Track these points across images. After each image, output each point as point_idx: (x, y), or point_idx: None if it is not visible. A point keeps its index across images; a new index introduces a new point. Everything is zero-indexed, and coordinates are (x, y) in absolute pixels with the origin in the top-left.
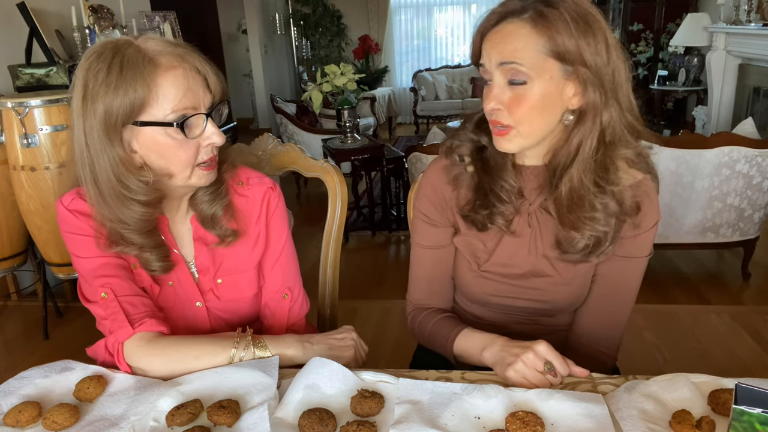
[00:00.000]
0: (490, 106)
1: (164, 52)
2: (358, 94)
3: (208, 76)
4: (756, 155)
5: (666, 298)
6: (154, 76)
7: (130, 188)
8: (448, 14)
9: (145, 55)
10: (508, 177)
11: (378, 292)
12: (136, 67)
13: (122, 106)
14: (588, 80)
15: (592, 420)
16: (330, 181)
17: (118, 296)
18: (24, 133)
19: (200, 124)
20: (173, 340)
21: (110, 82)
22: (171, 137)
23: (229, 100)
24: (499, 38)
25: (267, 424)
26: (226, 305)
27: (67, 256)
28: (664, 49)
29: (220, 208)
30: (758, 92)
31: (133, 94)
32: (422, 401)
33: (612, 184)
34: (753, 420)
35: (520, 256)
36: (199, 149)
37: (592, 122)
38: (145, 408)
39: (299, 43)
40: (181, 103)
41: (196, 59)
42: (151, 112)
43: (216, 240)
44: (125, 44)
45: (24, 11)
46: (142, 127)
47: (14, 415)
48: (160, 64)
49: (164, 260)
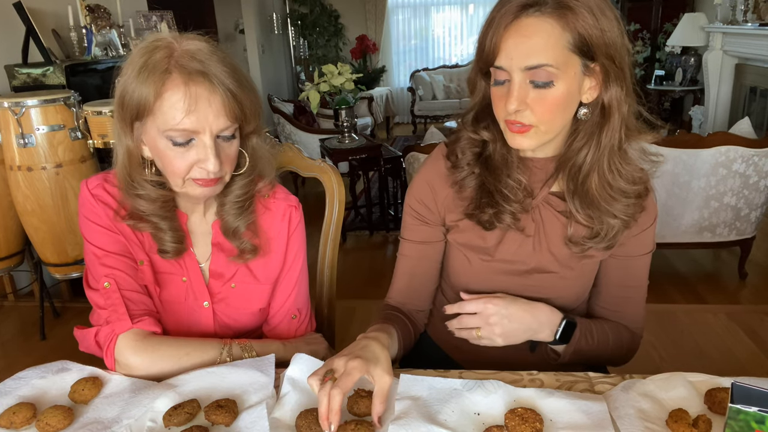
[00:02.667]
0: (513, 108)
1: (187, 66)
2: (356, 93)
3: (228, 100)
4: (752, 155)
5: (663, 297)
6: (162, 90)
7: (136, 180)
8: (446, 14)
9: (169, 62)
10: (514, 173)
11: (375, 291)
12: (153, 73)
13: (132, 102)
14: (611, 71)
15: (590, 417)
16: (327, 181)
17: (120, 289)
18: (21, 133)
19: (198, 145)
20: (166, 340)
21: (130, 74)
22: (168, 147)
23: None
24: (523, 38)
25: (266, 423)
26: (233, 312)
27: (63, 256)
28: (661, 49)
29: (243, 224)
30: (755, 92)
31: (140, 95)
32: (422, 397)
33: (629, 170)
34: (749, 419)
35: (525, 253)
36: (193, 167)
37: (618, 113)
38: (139, 411)
39: (297, 42)
40: (181, 124)
41: (225, 78)
42: (155, 119)
43: (235, 253)
44: (164, 45)
45: (20, 11)
46: (148, 126)
47: (8, 417)
48: (171, 78)
49: (178, 243)
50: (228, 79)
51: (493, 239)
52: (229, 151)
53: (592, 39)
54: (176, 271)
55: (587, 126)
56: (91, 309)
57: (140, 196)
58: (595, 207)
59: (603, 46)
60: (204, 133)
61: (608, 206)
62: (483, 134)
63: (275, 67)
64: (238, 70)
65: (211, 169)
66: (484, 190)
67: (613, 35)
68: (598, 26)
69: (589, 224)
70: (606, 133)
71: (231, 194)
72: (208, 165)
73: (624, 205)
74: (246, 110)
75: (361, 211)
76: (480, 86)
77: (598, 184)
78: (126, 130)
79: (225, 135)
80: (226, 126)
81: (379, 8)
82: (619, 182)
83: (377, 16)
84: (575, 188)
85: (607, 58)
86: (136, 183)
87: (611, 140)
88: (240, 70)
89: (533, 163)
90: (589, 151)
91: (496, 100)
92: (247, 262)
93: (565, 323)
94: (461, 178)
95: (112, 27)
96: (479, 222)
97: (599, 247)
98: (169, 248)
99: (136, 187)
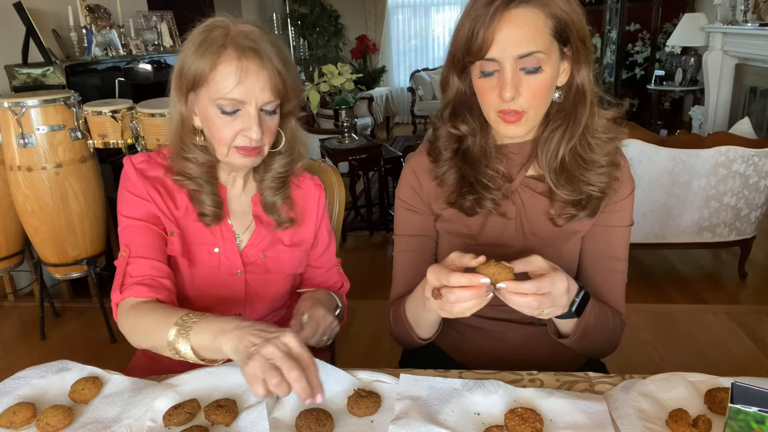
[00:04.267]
0: (509, 96)
1: (240, 43)
2: (356, 94)
3: (274, 76)
4: (752, 155)
5: (663, 297)
6: (217, 63)
7: (186, 144)
8: (446, 14)
9: (225, 39)
10: (492, 162)
11: (376, 291)
12: (210, 47)
13: (189, 73)
14: (582, 53)
15: (590, 417)
16: (327, 181)
17: (130, 257)
18: (21, 133)
19: (244, 115)
20: (145, 312)
21: (190, 49)
22: (217, 115)
23: (299, 101)
24: (514, 27)
25: (266, 423)
26: (264, 279)
27: (63, 256)
28: (661, 49)
29: (281, 198)
30: (755, 92)
31: (197, 67)
32: (422, 397)
33: (599, 143)
34: (749, 419)
35: (508, 236)
36: (237, 135)
37: (590, 92)
38: (138, 410)
39: (297, 42)
40: (231, 94)
41: (273, 57)
42: (208, 89)
43: (273, 223)
44: (222, 25)
45: (20, 11)
46: (201, 96)
47: (8, 417)
48: (226, 52)
49: (217, 207)
50: (276, 57)
51: (476, 225)
52: (271, 123)
53: (568, 24)
54: (209, 242)
55: (562, 107)
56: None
57: (189, 159)
58: (573, 180)
59: (577, 30)
60: (250, 104)
61: (584, 177)
62: (461, 128)
63: None
64: (285, 53)
65: (254, 137)
66: (465, 181)
67: (582, 19)
68: (571, 11)
69: (569, 197)
70: (580, 112)
71: (272, 170)
72: (251, 133)
73: (599, 174)
74: (288, 88)
75: (361, 211)
76: (453, 83)
77: (573, 160)
78: (181, 99)
79: (267, 109)
80: (270, 100)
81: (379, 8)
82: (591, 155)
83: (377, 16)
84: (552, 167)
85: (579, 41)
86: (186, 147)
87: (584, 118)
88: (287, 54)
89: (509, 149)
90: (565, 132)
91: (484, 92)
92: (279, 232)
93: (583, 293)
94: (442, 173)
95: (112, 27)
96: (461, 209)
97: (582, 215)
98: (208, 212)
99: (186, 150)
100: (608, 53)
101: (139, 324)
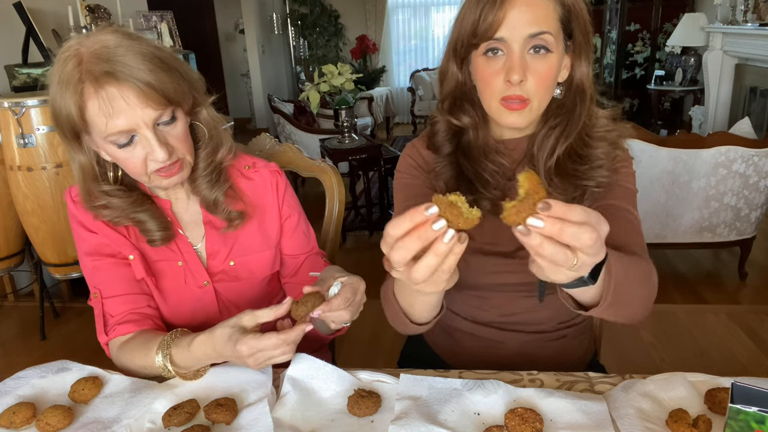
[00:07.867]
0: (516, 78)
1: (94, 70)
2: (356, 93)
3: (146, 91)
4: (752, 155)
5: (663, 297)
6: (81, 103)
7: (93, 193)
8: (446, 14)
9: (80, 71)
10: (493, 156)
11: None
12: (68, 87)
13: (64, 121)
14: (583, 48)
15: (590, 417)
16: (327, 181)
17: (103, 298)
18: (21, 133)
19: (142, 140)
20: (133, 348)
21: (53, 89)
22: (116, 151)
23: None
24: (526, 6)
25: (269, 420)
26: (236, 287)
27: (64, 256)
28: (661, 49)
29: (221, 193)
30: (755, 92)
31: (68, 113)
32: (422, 397)
33: (596, 142)
34: (749, 419)
35: (505, 235)
36: (146, 161)
37: (589, 89)
38: (138, 411)
39: (297, 42)
40: (113, 127)
41: (136, 69)
42: (91, 129)
43: (224, 224)
44: (73, 52)
45: (20, 11)
46: (93, 136)
47: (8, 417)
48: (85, 88)
49: (165, 230)
50: (139, 69)
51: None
52: (175, 133)
53: (573, 14)
54: (171, 257)
55: (562, 104)
56: (91, 310)
57: (103, 207)
58: (568, 178)
59: (581, 23)
60: (140, 128)
61: (580, 174)
62: (463, 120)
63: (275, 67)
64: (150, 56)
65: (160, 158)
66: (462, 178)
67: (586, 13)
68: (578, 1)
69: (563, 195)
70: (579, 110)
71: (197, 169)
72: (156, 155)
73: (596, 168)
74: (171, 92)
75: (361, 211)
76: (453, 74)
77: (569, 158)
78: (75, 147)
79: (164, 120)
80: (157, 114)
81: (379, 8)
82: (587, 151)
83: (377, 16)
84: (547, 165)
85: (582, 35)
86: (94, 196)
87: (583, 116)
88: (155, 54)
89: (505, 145)
90: (564, 130)
91: (489, 77)
92: (241, 229)
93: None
94: (441, 167)
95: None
96: None
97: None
98: (156, 237)
99: (96, 199)
100: (608, 53)
101: (133, 363)
